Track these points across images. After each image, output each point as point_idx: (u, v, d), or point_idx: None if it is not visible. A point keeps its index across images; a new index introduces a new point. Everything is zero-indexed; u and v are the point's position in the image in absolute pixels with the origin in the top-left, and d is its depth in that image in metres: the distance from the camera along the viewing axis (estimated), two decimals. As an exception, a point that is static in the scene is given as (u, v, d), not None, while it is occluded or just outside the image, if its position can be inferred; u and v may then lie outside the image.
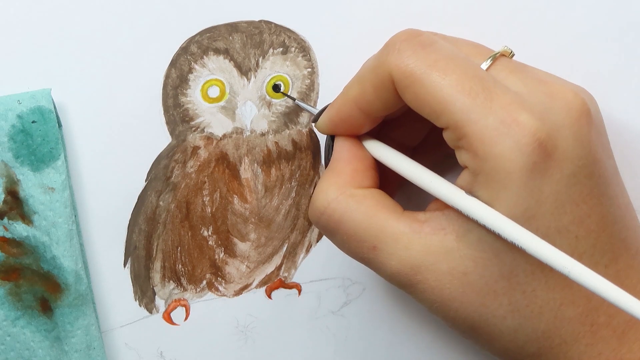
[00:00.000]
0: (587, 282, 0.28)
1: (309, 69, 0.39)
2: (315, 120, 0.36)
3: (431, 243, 0.31)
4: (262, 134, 0.39)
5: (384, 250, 0.32)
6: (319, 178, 0.40)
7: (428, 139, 0.38)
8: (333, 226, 0.33)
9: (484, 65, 0.32)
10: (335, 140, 0.35)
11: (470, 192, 0.31)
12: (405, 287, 0.33)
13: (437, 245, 0.31)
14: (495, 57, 0.32)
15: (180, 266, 0.40)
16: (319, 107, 0.39)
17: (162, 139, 0.39)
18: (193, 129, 0.39)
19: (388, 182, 0.36)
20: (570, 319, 0.31)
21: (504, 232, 0.29)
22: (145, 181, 0.39)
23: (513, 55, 0.33)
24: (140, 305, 0.40)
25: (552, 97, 0.31)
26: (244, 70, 0.39)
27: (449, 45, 0.32)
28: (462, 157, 0.31)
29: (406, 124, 0.36)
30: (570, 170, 0.30)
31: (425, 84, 0.30)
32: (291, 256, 0.41)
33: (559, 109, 0.31)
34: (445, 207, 0.32)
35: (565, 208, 0.30)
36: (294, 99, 0.39)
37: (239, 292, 0.41)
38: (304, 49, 0.39)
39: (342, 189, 0.33)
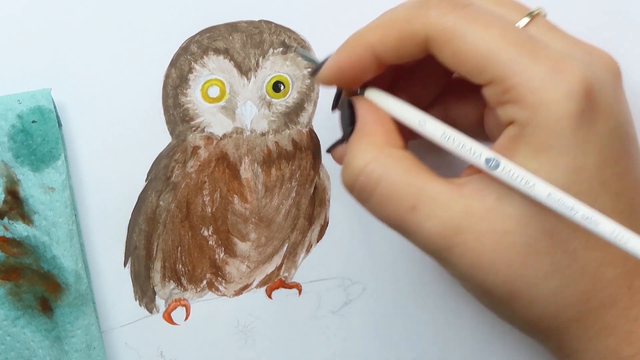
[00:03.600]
0: (633, 248, 0.27)
1: (309, 69, 0.39)
2: (315, 72, 0.34)
3: (471, 203, 0.31)
4: (262, 134, 0.39)
5: (422, 210, 0.31)
6: (319, 178, 0.40)
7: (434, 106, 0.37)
8: (371, 187, 0.32)
9: (522, 23, 0.32)
10: (356, 105, 0.34)
11: (514, 148, 0.30)
12: (441, 251, 0.31)
13: (477, 205, 0.31)
14: (533, 15, 0.32)
15: (180, 266, 0.40)
16: (319, 105, 0.39)
17: (162, 139, 0.39)
18: (193, 128, 0.39)
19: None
20: (609, 280, 0.31)
21: (542, 198, 0.29)
22: (146, 181, 0.39)
23: (546, 15, 0.33)
24: (140, 305, 0.40)
25: (591, 54, 0.31)
26: (244, 70, 0.39)
27: (486, 3, 0.32)
28: (507, 111, 0.30)
29: (416, 83, 0.36)
30: (612, 124, 0.30)
31: (467, 39, 0.30)
32: (291, 256, 0.41)
33: (600, 65, 0.31)
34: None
35: (607, 162, 0.30)
36: (295, 49, 0.38)
37: (239, 292, 0.41)
38: (304, 49, 0.39)
39: (381, 148, 0.32)
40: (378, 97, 0.33)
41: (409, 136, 0.35)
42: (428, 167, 0.32)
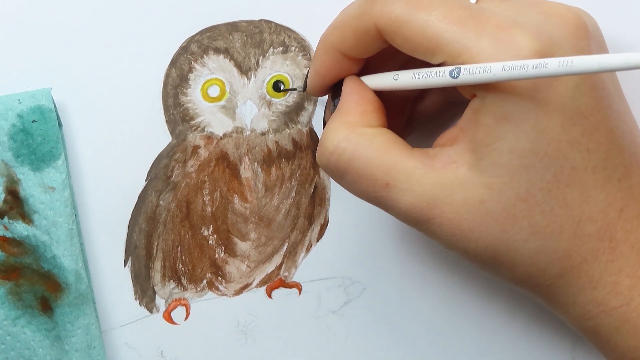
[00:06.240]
0: (579, 66, 0.27)
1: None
2: (305, 87, 0.35)
3: (444, 176, 0.31)
4: (262, 133, 0.39)
5: (397, 186, 0.32)
6: (319, 177, 0.40)
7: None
8: (343, 165, 0.32)
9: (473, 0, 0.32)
10: (343, 84, 0.34)
11: (477, 119, 0.30)
12: (421, 224, 0.32)
13: (450, 177, 0.31)
14: None
15: (180, 265, 0.40)
16: (319, 105, 0.39)
17: (163, 138, 0.39)
18: (193, 128, 0.39)
19: (393, 125, 0.35)
20: (589, 235, 0.31)
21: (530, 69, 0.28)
22: (146, 180, 0.39)
23: None
24: (140, 305, 0.40)
25: (545, 14, 0.31)
26: (244, 70, 0.39)
27: None
28: (466, 87, 0.31)
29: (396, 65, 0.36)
30: (573, 81, 0.30)
31: (412, 25, 0.30)
32: (291, 255, 0.41)
33: (554, 24, 0.31)
34: (453, 141, 0.32)
35: (573, 120, 0.30)
36: (294, 89, 0.39)
37: (239, 292, 0.41)
38: (304, 48, 0.39)
39: (352, 128, 0.33)
40: (370, 80, 0.34)
41: (409, 128, 0.36)
42: (403, 142, 0.33)
